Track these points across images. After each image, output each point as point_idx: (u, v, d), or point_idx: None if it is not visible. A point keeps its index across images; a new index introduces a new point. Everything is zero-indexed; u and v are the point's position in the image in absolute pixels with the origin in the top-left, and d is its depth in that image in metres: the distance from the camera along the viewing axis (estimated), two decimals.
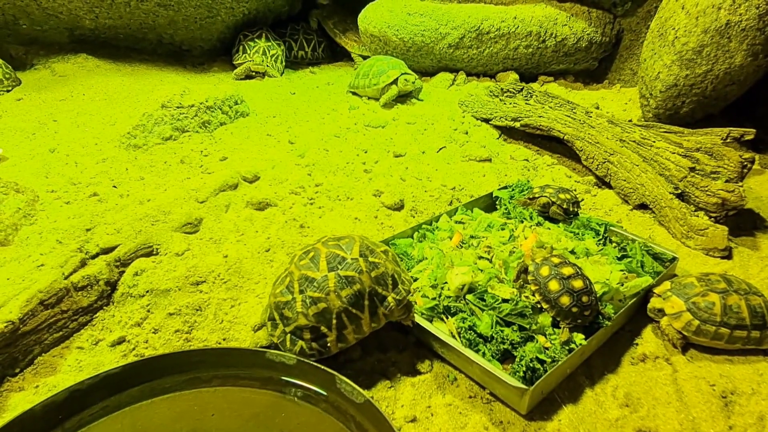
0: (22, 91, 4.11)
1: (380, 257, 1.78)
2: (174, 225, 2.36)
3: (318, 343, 1.66)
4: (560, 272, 1.82)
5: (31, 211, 2.42)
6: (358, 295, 1.66)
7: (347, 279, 1.66)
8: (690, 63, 3.20)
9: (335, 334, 1.65)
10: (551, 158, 3.34)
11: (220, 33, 5.19)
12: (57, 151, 3.07)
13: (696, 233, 2.48)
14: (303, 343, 1.67)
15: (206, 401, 1.61)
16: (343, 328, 1.66)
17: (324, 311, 1.64)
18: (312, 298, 1.65)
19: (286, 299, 1.69)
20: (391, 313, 1.73)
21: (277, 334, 1.71)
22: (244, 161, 3.06)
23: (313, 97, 4.37)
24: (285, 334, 1.69)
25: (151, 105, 3.32)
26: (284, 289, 1.71)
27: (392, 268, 1.79)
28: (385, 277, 1.74)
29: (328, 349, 1.66)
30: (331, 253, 1.72)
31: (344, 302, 1.65)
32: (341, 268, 1.68)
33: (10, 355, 1.74)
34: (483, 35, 4.39)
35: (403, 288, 1.77)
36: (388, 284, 1.74)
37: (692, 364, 1.84)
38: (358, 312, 1.67)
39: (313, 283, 1.66)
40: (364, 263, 1.71)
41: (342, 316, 1.65)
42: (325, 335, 1.65)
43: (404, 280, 1.80)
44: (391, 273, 1.77)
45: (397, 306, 1.73)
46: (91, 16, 4.51)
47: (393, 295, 1.73)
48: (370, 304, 1.68)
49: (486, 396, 1.69)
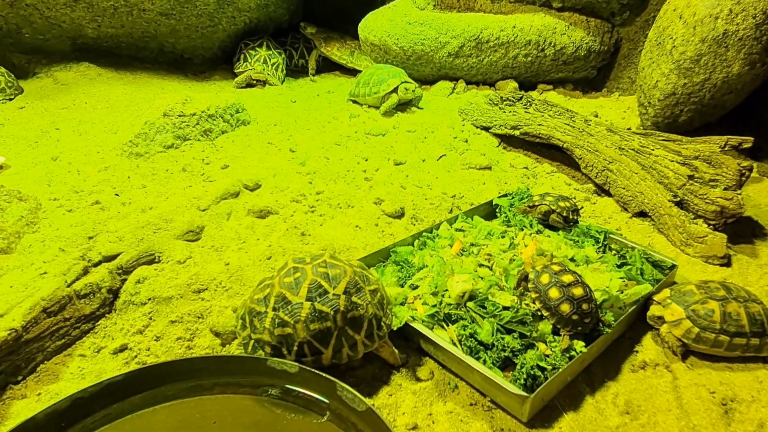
0: (25, 99, 4.14)
1: (365, 298, 1.74)
2: (176, 233, 2.37)
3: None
4: (560, 280, 1.83)
5: (33, 219, 2.43)
6: (325, 332, 1.65)
7: (320, 314, 1.65)
8: (688, 72, 3.23)
9: (293, 359, 1.66)
10: (551, 166, 3.36)
11: (222, 42, 5.23)
12: (59, 159, 3.09)
13: (695, 241, 2.49)
14: (263, 354, 1.70)
15: (208, 409, 1.62)
16: (302, 356, 1.67)
17: (288, 336, 1.65)
18: (281, 320, 1.65)
19: (260, 310, 1.71)
20: (356, 355, 1.71)
21: (243, 335, 1.76)
22: (245, 169, 3.07)
23: (313, 106, 4.39)
24: (250, 339, 1.73)
25: (152, 113, 3.34)
26: (261, 298, 1.73)
27: (373, 312, 1.74)
28: (361, 320, 1.70)
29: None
30: (315, 281, 1.70)
31: (309, 335, 1.64)
32: (319, 301, 1.67)
33: (13, 363, 1.74)
34: (482, 44, 4.43)
35: (378, 334, 1.74)
36: (362, 328, 1.71)
37: (692, 372, 1.85)
38: (320, 347, 1.66)
39: (287, 306, 1.66)
40: (345, 302, 1.68)
41: (304, 347, 1.65)
42: (284, 355, 1.67)
43: (382, 326, 1.77)
44: (370, 317, 1.73)
45: (364, 350, 1.71)
46: (94, 25, 4.55)
47: (364, 340, 1.71)
48: (335, 343, 1.67)
49: (487, 403, 1.69)
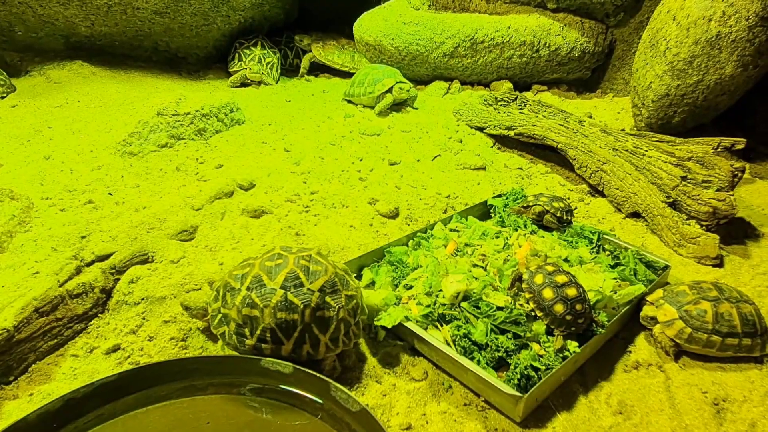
0: (17, 97, 4.11)
1: (339, 301, 1.72)
2: (169, 232, 2.36)
3: (237, 338, 1.68)
4: (554, 280, 1.84)
5: (26, 219, 2.42)
6: (291, 324, 1.65)
7: (290, 305, 1.65)
8: (681, 73, 3.25)
9: (253, 342, 1.67)
10: (545, 167, 3.37)
11: (216, 41, 5.21)
12: (52, 158, 3.06)
13: (688, 242, 2.50)
14: (227, 329, 1.70)
15: (201, 409, 1.61)
16: (263, 342, 1.66)
17: (254, 319, 1.65)
18: (251, 301, 1.66)
19: (235, 286, 1.71)
20: (316, 355, 1.70)
21: (213, 307, 1.77)
22: (239, 169, 3.06)
23: (308, 105, 4.39)
24: (218, 313, 1.74)
25: (146, 112, 3.32)
26: (240, 275, 1.73)
27: (344, 317, 1.73)
28: (329, 322, 1.69)
29: (244, 349, 1.68)
30: (294, 272, 1.70)
31: (274, 322, 1.64)
32: (292, 292, 1.66)
33: (5, 363, 1.73)
34: (477, 45, 4.43)
35: (344, 339, 1.73)
36: (328, 330, 1.70)
37: (685, 372, 1.86)
38: (282, 337, 1.66)
39: (261, 289, 1.67)
40: (317, 299, 1.67)
41: (266, 333, 1.65)
42: (245, 337, 1.67)
43: (350, 333, 1.76)
44: (339, 321, 1.72)
45: (325, 352, 1.70)
46: (87, 23, 4.52)
47: (327, 343, 1.70)
48: (298, 338, 1.66)
49: (481, 404, 1.70)
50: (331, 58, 4.94)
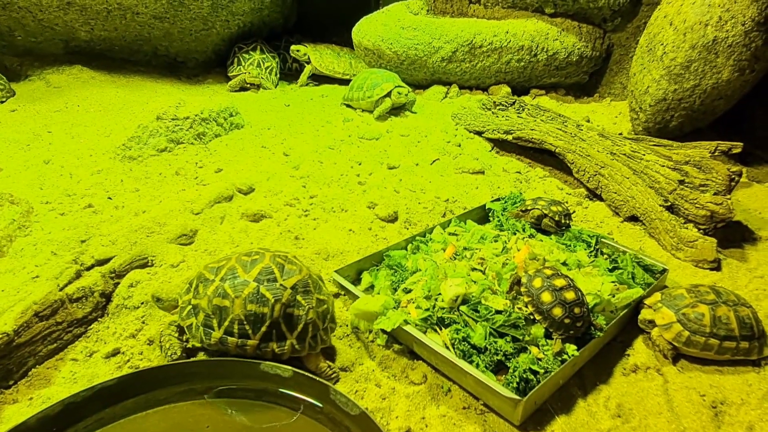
0: (17, 102, 4.12)
1: (310, 302, 1.74)
2: (169, 236, 2.37)
3: (204, 330, 1.67)
4: (552, 284, 1.85)
5: (25, 223, 2.42)
6: (260, 317, 1.65)
7: (261, 298, 1.66)
8: (678, 78, 3.27)
9: (220, 334, 1.66)
10: (543, 171, 3.38)
11: (215, 45, 5.23)
12: (52, 163, 3.07)
13: (685, 245, 2.52)
14: (194, 321, 1.69)
15: (201, 413, 1.62)
16: (230, 335, 1.66)
17: (223, 309, 1.66)
18: (223, 291, 1.67)
19: (209, 277, 1.72)
20: (282, 354, 1.70)
21: (184, 299, 1.76)
22: (239, 173, 3.07)
23: (307, 110, 4.40)
24: (188, 304, 1.73)
25: (146, 116, 3.33)
26: (215, 267, 1.75)
27: (313, 318, 1.74)
28: (298, 320, 1.70)
29: (209, 342, 1.67)
30: (269, 267, 1.72)
31: (243, 314, 1.64)
32: (265, 285, 1.68)
33: (5, 367, 1.73)
34: (475, 49, 4.45)
35: (310, 342, 1.74)
36: (296, 329, 1.70)
37: (683, 375, 1.86)
38: (250, 331, 1.66)
39: (234, 280, 1.68)
40: (289, 296, 1.69)
41: (234, 325, 1.65)
42: (212, 328, 1.67)
43: (317, 337, 1.76)
44: (309, 321, 1.72)
45: (291, 353, 1.70)
46: (87, 28, 4.54)
47: (293, 342, 1.70)
48: (265, 332, 1.66)
49: (480, 407, 1.70)
50: (332, 68, 4.95)
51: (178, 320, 1.77)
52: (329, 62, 4.91)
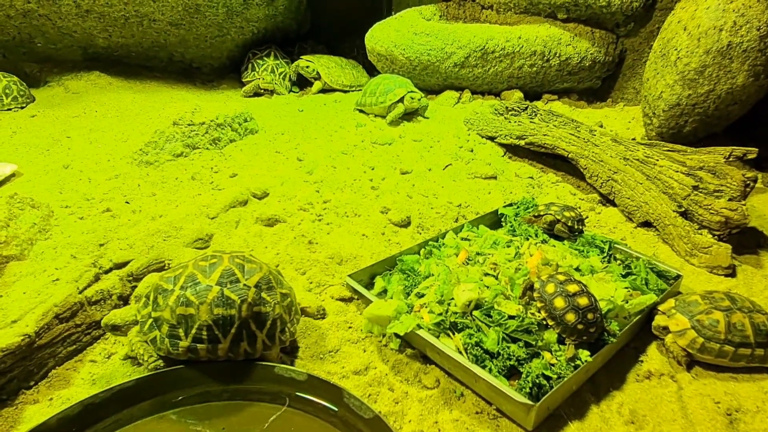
0: (36, 107, 4.20)
1: (275, 298, 1.75)
2: (185, 240, 2.40)
3: (170, 341, 1.65)
4: (565, 289, 1.85)
5: (46, 226, 2.47)
6: (228, 319, 1.65)
7: (227, 300, 1.65)
8: (692, 83, 3.25)
9: (188, 343, 1.64)
10: (556, 176, 3.38)
11: (230, 51, 5.29)
12: (71, 167, 3.13)
13: (700, 251, 2.50)
14: (158, 334, 1.66)
15: (216, 415, 1.64)
16: (199, 341, 1.64)
17: (189, 317, 1.63)
18: (186, 299, 1.64)
19: (167, 287, 1.69)
20: (254, 353, 1.71)
21: (143, 313, 1.72)
22: (253, 178, 3.11)
23: (320, 115, 4.43)
24: (149, 318, 1.69)
25: (162, 122, 3.39)
26: (172, 277, 1.71)
27: (280, 313, 1.75)
28: (265, 318, 1.71)
29: (177, 353, 1.65)
30: (230, 269, 1.71)
31: (211, 319, 1.63)
32: (228, 287, 1.67)
33: (26, 368, 1.76)
34: (488, 54, 4.46)
35: (280, 337, 1.75)
36: (265, 326, 1.71)
37: (697, 382, 1.85)
38: (219, 335, 1.65)
39: (195, 287, 1.66)
40: (254, 295, 1.69)
41: (202, 331, 1.64)
42: (179, 338, 1.64)
43: (285, 331, 1.77)
44: (275, 317, 1.74)
45: (262, 350, 1.71)
46: (105, 34, 4.62)
47: (264, 339, 1.71)
48: (235, 334, 1.66)
49: (492, 412, 1.71)
50: (340, 82, 4.99)
51: (140, 336, 1.73)
52: (337, 76, 4.96)
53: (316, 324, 2.04)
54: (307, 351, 1.92)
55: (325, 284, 2.25)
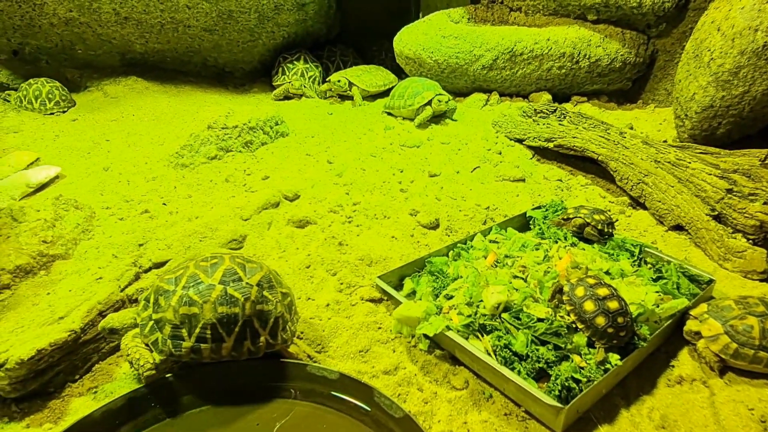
0: (77, 112, 4.36)
1: (276, 296, 1.76)
2: (220, 241, 2.48)
3: (173, 342, 1.64)
4: (595, 293, 1.85)
5: (88, 227, 2.58)
6: (232, 318, 1.65)
7: (230, 298, 1.66)
8: (726, 84, 3.20)
9: (192, 343, 1.63)
10: (585, 179, 3.36)
11: (261, 56, 5.39)
12: (110, 170, 3.25)
13: (734, 255, 2.47)
14: (160, 336, 1.65)
15: (250, 410, 1.69)
16: (203, 341, 1.64)
17: (192, 316, 1.63)
18: (189, 299, 1.64)
19: (168, 288, 1.68)
20: (257, 351, 1.72)
21: (143, 316, 1.71)
22: (284, 180, 3.17)
23: (349, 118, 4.48)
24: (150, 320, 1.69)
25: (197, 125, 3.48)
26: (173, 278, 1.71)
27: (282, 312, 1.77)
28: (268, 316, 1.72)
29: (180, 354, 1.64)
30: (231, 268, 1.72)
31: (215, 317, 1.63)
32: (231, 286, 1.68)
33: (71, 363, 1.84)
34: (516, 57, 4.46)
35: (282, 335, 1.76)
36: (268, 324, 1.72)
37: (730, 388, 1.83)
38: (224, 333, 1.65)
39: (198, 286, 1.66)
40: (256, 293, 1.70)
41: (206, 330, 1.63)
42: (182, 338, 1.64)
43: (287, 329, 1.79)
44: (277, 315, 1.75)
45: (266, 349, 1.73)
46: (142, 41, 4.77)
47: (267, 337, 1.72)
48: (239, 332, 1.67)
49: (521, 414, 1.72)
50: (374, 83, 5.04)
51: (140, 339, 1.72)
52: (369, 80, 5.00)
53: (346, 324, 2.08)
54: (338, 350, 1.97)
55: (355, 285, 2.29)
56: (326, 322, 2.09)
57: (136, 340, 1.71)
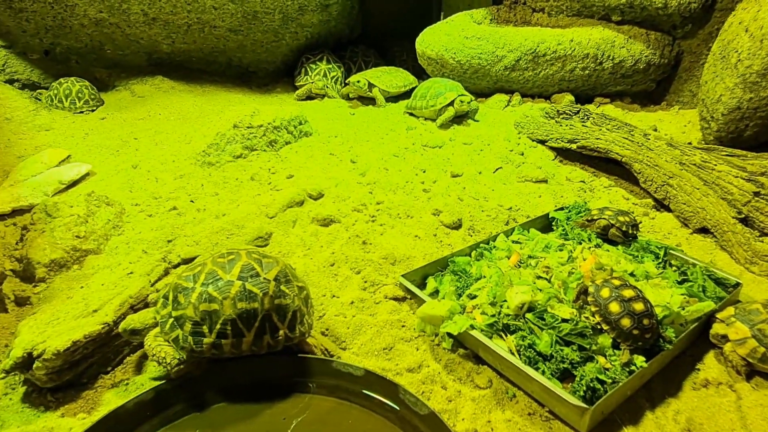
0: (105, 110, 4.46)
1: (293, 290, 1.79)
2: (247, 238, 2.52)
3: (194, 339, 1.65)
4: (621, 294, 1.85)
5: (119, 223, 2.65)
6: (251, 313, 1.67)
7: (249, 294, 1.68)
8: (754, 86, 3.15)
9: (213, 339, 1.65)
10: (608, 180, 3.34)
11: (284, 56, 5.45)
12: (139, 167, 3.32)
13: (761, 259, 2.44)
14: (180, 333, 1.67)
15: (276, 405, 1.72)
16: (224, 337, 1.66)
17: (213, 313, 1.65)
18: (209, 295, 1.66)
19: (187, 285, 1.70)
20: (276, 345, 1.74)
21: (162, 313, 1.73)
22: (309, 179, 3.21)
23: (371, 118, 4.51)
24: (169, 317, 1.70)
25: (222, 124, 3.54)
26: (191, 275, 1.73)
27: (299, 305, 1.79)
28: (286, 310, 1.75)
29: (201, 350, 1.66)
30: (248, 264, 1.74)
31: (236, 313, 1.65)
32: (250, 281, 1.70)
33: (104, 355, 1.90)
34: (539, 58, 4.44)
35: (300, 328, 1.78)
36: (286, 318, 1.74)
37: (757, 392, 1.82)
38: (244, 329, 1.67)
39: (217, 282, 1.68)
40: (274, 288, 1.73)
41: (227, 325, 1.65)
42: (203, 335, 1.65)
43: (304, 322, 1.82)
44: (295, 309, 1.77)
45: (285, 342, 1.75)
46: (168, 41, 4.86)
47: (286, 331, 1.74)
48: (259, 327, 1.69)
49: (545, 414, 1.73)
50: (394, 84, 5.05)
51: (161, 337, 1.74)
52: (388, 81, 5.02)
53: (370, 321, 2.11)
54: (363, 348, 1.99)
55: (379, 284, 2.32)
56: (350, 319, 2.12)
57: (158, 339, 1.74)
